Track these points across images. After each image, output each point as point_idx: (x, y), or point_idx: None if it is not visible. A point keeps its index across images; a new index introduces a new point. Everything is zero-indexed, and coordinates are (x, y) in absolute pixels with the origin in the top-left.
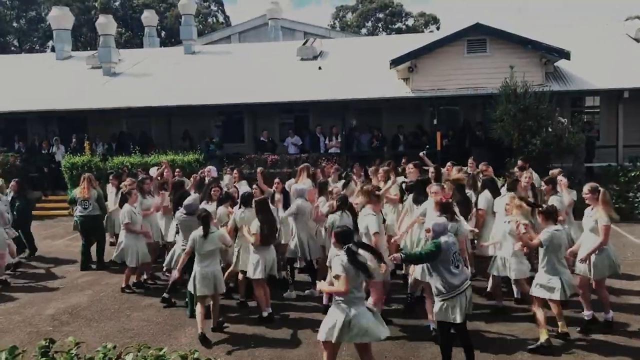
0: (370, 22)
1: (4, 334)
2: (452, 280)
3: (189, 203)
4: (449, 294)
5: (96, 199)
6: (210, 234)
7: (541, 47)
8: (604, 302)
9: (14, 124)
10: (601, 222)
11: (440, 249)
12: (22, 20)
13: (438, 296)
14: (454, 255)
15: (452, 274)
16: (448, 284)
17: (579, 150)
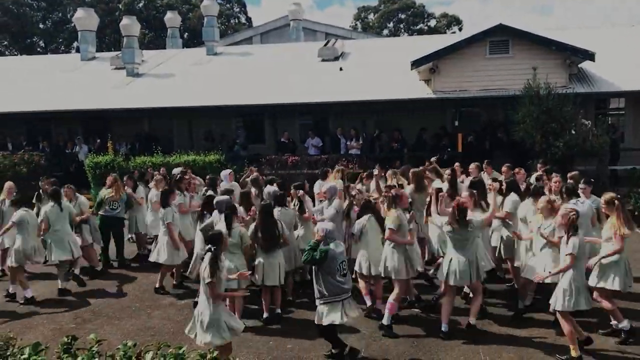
0: (392, 23)
1: (28, 330)
2: (332, 288)
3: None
4: (329, 298)
5: (125, 201)
6: (232, 230)
7: (565, 48)
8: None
9: (39, 123)
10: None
11: (326, 257)
12: (48, 22)
13: (319, 299)
14: (340, 264)
15: (335, 281)
16: (328, 290)
17: (603, 153)
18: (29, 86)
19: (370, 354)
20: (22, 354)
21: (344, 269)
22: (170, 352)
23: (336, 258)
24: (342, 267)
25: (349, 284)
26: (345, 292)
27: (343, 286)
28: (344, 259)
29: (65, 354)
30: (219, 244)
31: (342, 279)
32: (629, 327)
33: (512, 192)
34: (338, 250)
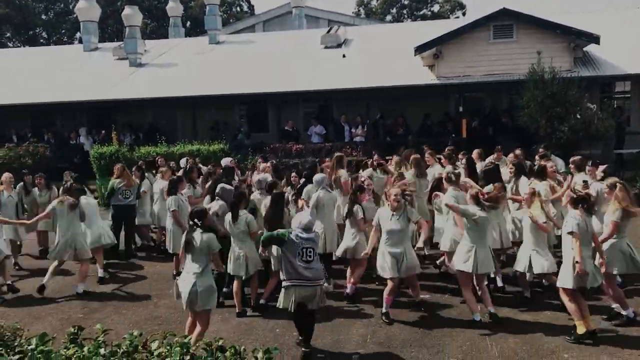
0: (395, 9)
1: (36, 320)
2: (292, 271)
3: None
4: (289, 281)
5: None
6: (239, 217)
7: (570, 31)
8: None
9: (43, 115)
10: (611, 218)
11: (284, 240)
12: (50, 13)
13: (283, 281)
14: (303, 250)
15: (296, 265)
16: (288, 273)
17: (609, 137)
18: (32, 78)
19: (377, 340)
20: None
21: (309, 256)
22: (176, 341)
23: (298, 243)
24: (306, 253)
25: (313, 273)
26: (305, 278)
27: (302, 272)
28: (309, 245)
29: (71, 344)
30: (204, 219)
31: (302, 264)
32: (633, 316)
33: (521, 175)
34: (304, 235)
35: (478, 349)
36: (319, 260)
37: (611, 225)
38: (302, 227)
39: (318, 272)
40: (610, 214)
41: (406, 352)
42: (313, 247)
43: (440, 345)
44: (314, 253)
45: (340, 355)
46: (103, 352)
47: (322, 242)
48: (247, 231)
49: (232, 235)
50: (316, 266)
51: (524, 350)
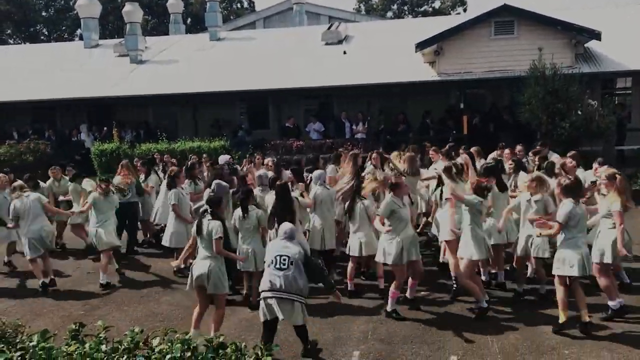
0: (396, 5)
1: (37, 317)
2: (267, 279)
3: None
4: (262, 292)
5: (135, 186)
6: (249, 213)
7: (571, 28)
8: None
9: (44, 112)
10: (614, 209)
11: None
12: (50, 10)
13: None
14: (277, 257)
15: (268, 273)
16: (263, 282)
17: (610, 133)
18: (33, 75)
19: (378, 337)
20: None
21: (282, 263)
22: (177, 337)
23: (273, 249)
24: (280, 261)
25: (290, 284)
26: (273, 289)
27: (272, 280)
28: (282, 253)
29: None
30: (216, 208)
31: (275, 272)
32: (618, 307)
33: (519, 170)
34: (282, 244)
35: (479, 345)
36: (298, 270)
37: (618, 215)
38: (283, 236)
39: (297, 283)
40: (612, 205)
41: (407, 348)
42: (288, 255)
43: (441, 341)
44: (289, 261)
45: (342, 351)
46: (104, 349)
47: (319, 239)
48: (257, 226)
49: (241, 230)
50: (291, 275)
51: (524, 347)
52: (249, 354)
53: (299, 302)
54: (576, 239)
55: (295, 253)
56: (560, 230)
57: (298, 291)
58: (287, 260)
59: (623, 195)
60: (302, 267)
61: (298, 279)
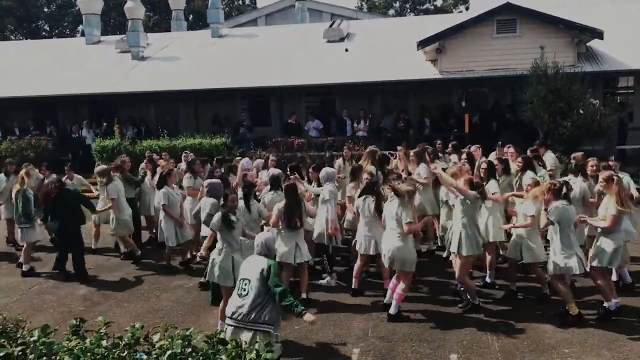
0: (398, 3)
1: (38, 313)
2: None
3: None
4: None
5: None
6: (251, 206)
7: (573, 26)
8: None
9: (46, 108)
10: (609, 212)
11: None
12: (52, 6)
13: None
14: (241, 280)
15: (233, 298)
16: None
17: (612, 132)
18: (34, 71)
19: (378, 334)
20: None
21: (243, 289)
22: (178, 333)
23: (242, 271)
24: (241, 286)
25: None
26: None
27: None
28: (245, 276)
29: (73, 336)
30: (226, 202)
31: (235, 299)
32: (614, 309)
33: (527, 169)
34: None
35: (479, 343)
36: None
37: (611, 218)
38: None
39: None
40: (607, 208)
41: (407, 346)
42: (250, 278)
43: (441, 339)
44: (249, 286)
45: (342, 349)
46: (105, 344)
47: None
48: (259, 220)
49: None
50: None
51: (524, 345)
52: (249, 350)
53: (263, 331)
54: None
55: (259, 272)
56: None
57: (258, 320)
58: (247, 285)
59: (619, 197)
60: (266, 289)
61: (260, 307)
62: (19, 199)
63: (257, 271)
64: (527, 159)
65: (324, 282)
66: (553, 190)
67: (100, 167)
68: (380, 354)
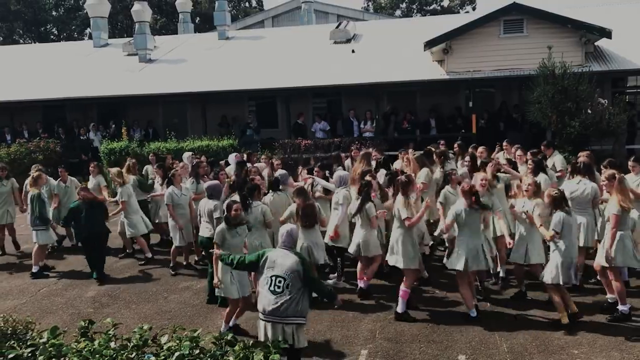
0: (405, 4)
1: (47, 314)
2: (263, 301)
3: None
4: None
5: (138, 186)
6: (252, 208)
7: (581, 26)
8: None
9: (54, 111)
10: (611, 211)
11: (256, 262)
12: (60, 9)
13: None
14: (273, 277)
15: (264, 295)
16: (260, 302)
17: (620, 132)
18: (43, 73)
19: (385, 336)
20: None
21: (277, 286)
22: (185, 334)
23: (270, 267)
24: (275, 282)
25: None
26: (271, 313)
27: (264, 305)
28: (277, 274)
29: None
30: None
31: (269, 295)
32: (627, 312)
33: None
34: (279, 261)
35: (487, 344)
36: (297, 291)
37: (614, 218)
38: (284, 238)
39: (295, 307)
40: (611, 207)
41: (415, 347)
42: (284, 277)
43: (449, 340)
44: (284, 284)
45: (349, 350)
46: (113, 346)
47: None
48: (262, 221)
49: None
50: (288, 299)
51: (533, 346)
52: (257, 351)
53: (296, 324)
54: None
55: (292, 269)
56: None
57: (296, 313)
58: (282, 283)
59: (621, 196)
60: (300, 284)
61: (296, 302)
62: (35, 202)
63: (290, 268)
64: (539, 161)
65: (331, 282)
66: (554, 199)
67: (114, 170)
68: (388, 355)
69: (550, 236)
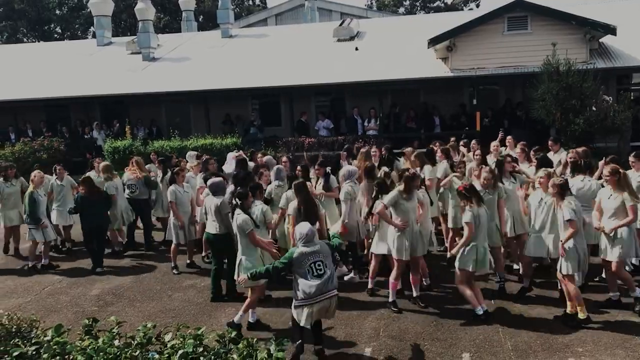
0: (408, 1)
1: (52, 313)
2: (306, 289)
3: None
4: (303, 301)
5: (144, 183)
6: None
7: (586, 22)
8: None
9: (57, 110)
10: (628, 204)
11: (289, 262)
12: (64, 8)
13: (295, 300)
14: (312, 265)
15: (307, 284)
16: (305, 293)
17: (625, 129)
18: (47, 72)
19: (389, 334)
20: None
21: (319, 270)
22: (189, 332)
23: (304, 259)
24: (316, 268)
25: (329, 284)
26: (321, 293)
27: (320, 288)
28: (317, 259)
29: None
30: (245, 201)
31: (316, 280)
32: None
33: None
34: (308, 250)
35: (491, 342)
36: (332, 266)
37: (631, 209)
38: (304, 239)
39: (333, 281)
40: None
41: (419, 345)
42: (321, 259)
43: (454, 338)
44: (323, 264)
45: (353, 348)
46: (117, 344)
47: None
48: (263, 221)
49: None
50: (329, 275)
51: (537, 344)
52: (261, 349)
53: (336, 295)
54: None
55: (326, 252)
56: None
57: (335, 286)
58: (322, 264)
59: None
60: (332, 261)
61: (333, 276)
62: (27, 200)
63: (323, 251)
64: (543, 158)
65: (347, 278)
66: (559, 186)
67: (103, 164)
68: (392, 353)
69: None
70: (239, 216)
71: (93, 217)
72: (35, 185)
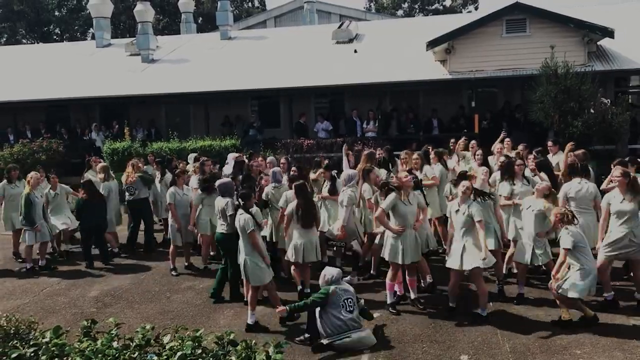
0: (407, 4)
1: (50, 314)
2: (341, 323)
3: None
4: (334, 337)
5: (141, 182)
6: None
7: (584, 25)
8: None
9: (56, 111)
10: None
11: (327, 297)
12: (63, 9)
13: (325, 338)
14: (345, 301)
15: (339, 319)
16: (335, 327)
17: (623, 132)
18: (46, 74)
19: (388, 336)
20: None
21: (350, 306)
22: (188, 334)
23: (340, 294)
24: (347, 304)
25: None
26: (354, 328)
27: (350, 323)
28: (349, 296)
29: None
30: (247, 201)
31: (347, 315)
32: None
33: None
34: (342, 287)
35: (490, 344)
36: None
37: None
38: (333, 280)
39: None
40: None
41: (417, 347)
42: (351, 297)
43: (452, 340)
44: (353, 302)
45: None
46: (116, 346)
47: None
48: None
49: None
50: (355, 314)
51: (536, 346)
52: (259, 351)
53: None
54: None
55: (353, 292)
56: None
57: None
58: (352, 302)
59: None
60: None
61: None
62: (22, 201)
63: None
64: (543, 162)
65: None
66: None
67: (101, 164)
68: (391, 355)
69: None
70: (240, 216)
71: (92, 217)
72: (32, 187)
